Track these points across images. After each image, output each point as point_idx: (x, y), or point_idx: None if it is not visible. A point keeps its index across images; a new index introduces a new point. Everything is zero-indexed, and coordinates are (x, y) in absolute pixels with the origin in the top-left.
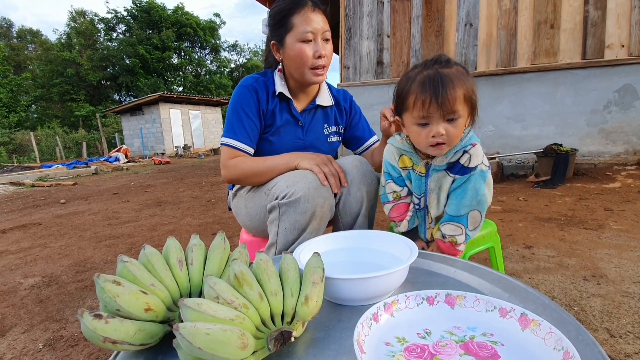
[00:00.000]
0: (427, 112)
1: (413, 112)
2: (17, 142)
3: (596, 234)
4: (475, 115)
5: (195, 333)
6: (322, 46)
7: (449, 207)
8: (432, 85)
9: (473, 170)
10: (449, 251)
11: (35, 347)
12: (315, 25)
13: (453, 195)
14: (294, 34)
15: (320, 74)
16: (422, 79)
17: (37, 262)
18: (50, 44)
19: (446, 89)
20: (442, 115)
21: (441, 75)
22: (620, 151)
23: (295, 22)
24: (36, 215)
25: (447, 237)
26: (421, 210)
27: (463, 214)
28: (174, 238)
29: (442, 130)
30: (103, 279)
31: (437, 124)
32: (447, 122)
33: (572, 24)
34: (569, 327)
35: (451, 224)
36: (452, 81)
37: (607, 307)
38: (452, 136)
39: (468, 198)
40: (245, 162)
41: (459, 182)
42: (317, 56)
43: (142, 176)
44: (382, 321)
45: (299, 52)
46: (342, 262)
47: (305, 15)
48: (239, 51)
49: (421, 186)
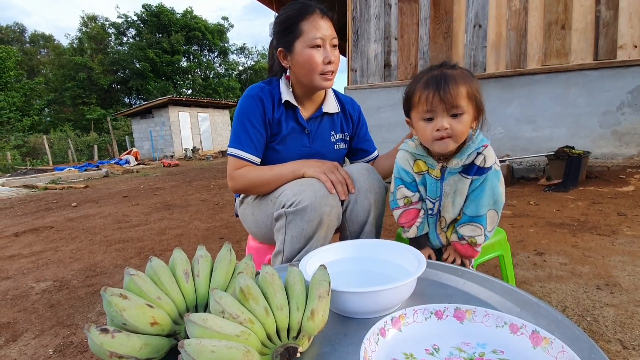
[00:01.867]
0: (431, 106)
1: (418, 108)
2: (30, 145)
3: (609, 240)
4: (482, 117)
5: (201, 351)
6: (332, 53)
7: (468, 208)
8: (435, 81)
9: (489, 170)
10: (467, 252)
11: (45, 353)
12: (324, 32)
13: (471, 196)
14: (303, 40)
15: (329, 79)
16: (427, 78)
17: (49, 266)
18: (63, 49)
19: (448, 84)
20: (446, 109)
21: (445, 74)
22: (634, 153)
23: (304, 29)
24: (48, 218)
25: (467, 238)
26: (433, 215)
27: (482, 214)
28: (181, 250)
29: (445, 124)
30: (110, 293)
31: (441, 118)
32: (451, 118)
33: (584, 24)
34: (582, 345)
35: (470, 224)
36: (455, 78)
37: (620, 317)
38: (456, 131)
39: (486, 197)
40: (251, 172)
41: (477, 183)
42: (326, 62)
43: (151, 179)
44: (389, 336)
45: (309, 58)
46: (349, 272)
47: (314, 21)
48: (246, 54)
49: (436, 190)
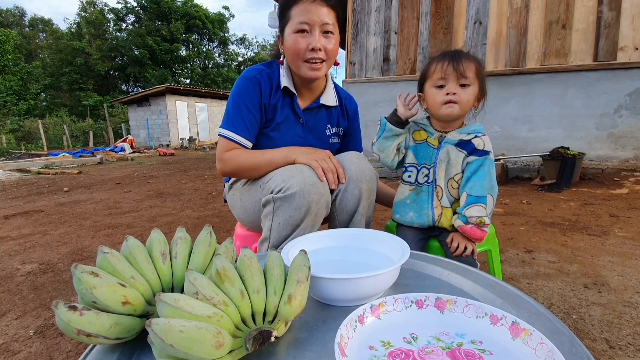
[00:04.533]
0: (445, 74)
1: (433, 76)
2: (25, 129)
3: (600, 240)
4: (484, 100)
5: (169, 330)
6: (318, 39)
7: (473, 189)
8: (450, 54)
9: (487, 153)
10: (476, 234)
11: (26, 334)
12: (312, 17)
13: (474, 177)
14: (290, 25)
15: (316, 68)
16: (443, 53)
17: (36, 249)
18: (61, 33)
19: (462, 57)
20: (457, 77)
21: (460, 51)
22: (630, 156)
23: (292, 14)
24: (39, 202)
25: (475, 218)
26: (430, 183)
27: (485, 195)
28: (159, 230)
29: (454, 89)
30: (80, 270)
31: (452, 84)
32: (460, 87)
33: (585, 24)
34: (563, 338)
35: (476, 205)
36: (468, 56)
37: (607, 316)
38: (463, 99)
39: (487, 180)
40: (241, 155)
41: (477, 164)
42: (310, 48)
43: (146, 167)
44: (367, 323)
45: (293, 43)
46: (333, 261)
47: (303, 6)
48: (247, 45)
49: (432, 157)
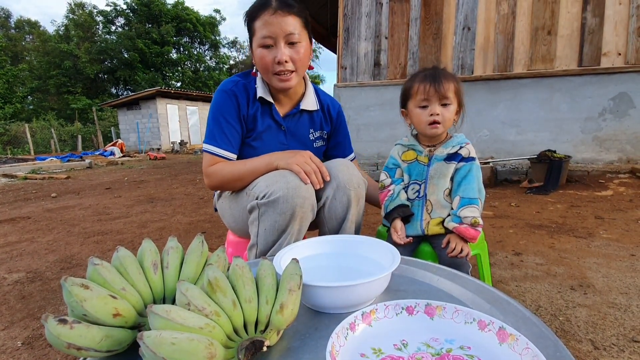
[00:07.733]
0: (427, 95)
1: (416, 97)
2: (11, 133)
3: (586, 242)
4: (462, 112)
5: (160, 343)
6: (283, 52)
7: (465, 191)
8: (431, 76)
9: (473, 160)
10: (470, 234)
11: (13, 345)
12: (274, 29)
13: (464, 181)
14: (255, 40)
15: (284, 79)
16: (423, 74)
17: (23, 257)
18: (48, 36)
19: (442, 79)
20: (438, 98)
21: (438, 70)
22: (614, 159)
23: (256, 27)
24: (26, 208)
25: (469, 218)
26: (420, 198)
27: (476, 197)
28: (150, 240)
29: (438, 110)
30: (70, 283)
31: (435, 105)
32: (442, 106)
33: (570, 30)
34: (547, 342)
35: (470, 206)
36: (446, 75)
37: (592, 317)
38: (446, 118)
39: (475, 183)
40: (225, 168)
41: (466, 169)
42: (277, 62)
43: (136, 171)
44: (359, 331)
45: (259, 58)
46: (324, 268)
47: (263, 19)
48: (238, 48)
49: (422, 173)
